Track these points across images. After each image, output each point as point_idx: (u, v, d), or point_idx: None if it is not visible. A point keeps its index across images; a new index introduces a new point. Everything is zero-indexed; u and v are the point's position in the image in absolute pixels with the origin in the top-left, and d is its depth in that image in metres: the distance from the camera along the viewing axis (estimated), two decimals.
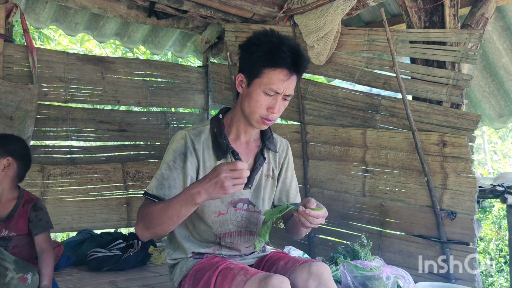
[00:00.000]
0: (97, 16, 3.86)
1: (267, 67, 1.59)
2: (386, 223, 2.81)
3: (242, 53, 1.70)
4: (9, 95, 3.07)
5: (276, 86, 1.60)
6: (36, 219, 2.25)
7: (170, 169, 1.65)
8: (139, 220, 1.58)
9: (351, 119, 3.02)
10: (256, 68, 1.61)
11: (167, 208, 1.48)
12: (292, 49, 1.60)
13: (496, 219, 5.24)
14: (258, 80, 1.61)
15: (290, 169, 1.94)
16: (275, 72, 1.59)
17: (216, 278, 1.52)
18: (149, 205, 1.56)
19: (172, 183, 1.63)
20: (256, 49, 1.62)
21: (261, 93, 1.61)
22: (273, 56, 1.58)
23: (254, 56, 1.61)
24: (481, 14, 2.67)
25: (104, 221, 3.64)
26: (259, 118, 1.65)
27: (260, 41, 1.62)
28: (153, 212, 1.51)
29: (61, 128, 3.57)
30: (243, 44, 1.70)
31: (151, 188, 1.63)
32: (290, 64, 1.59)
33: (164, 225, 1.51)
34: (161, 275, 2.85)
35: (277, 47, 1.58)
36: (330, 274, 1.61)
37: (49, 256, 2.20)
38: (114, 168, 3.72)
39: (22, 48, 3.32)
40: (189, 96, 4.22)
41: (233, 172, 1.37)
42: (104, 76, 3.75)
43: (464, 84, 2.54)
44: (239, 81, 1.69)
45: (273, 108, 1.62)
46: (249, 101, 1.64)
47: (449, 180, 2.55)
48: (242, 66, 1.69)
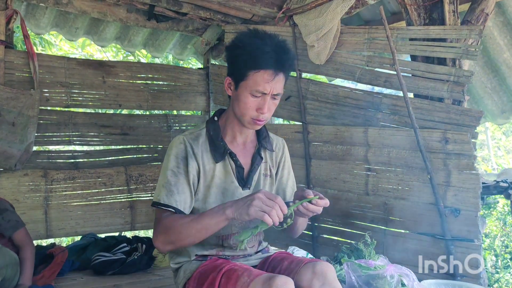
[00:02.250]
0: (97, 21, 3.87)
1: (250, 69, 1.59)
2: (390, 221, 2.80)
3: (227, 56, 1.70)
4: (11, 101, 3.08)
5: (262, 87, 1.59)
6: (4, 221, 2.24)
7: (175, 175, 1.65)
8: (160, 233, 1.58)
9: (352, 118, 3.01)
10: (241, 71, 1.61)
11: (196, 221, 1.51)
12: (276, 48, 1.59)
13: (500, 215, 5.21)
14: (244, 82, 1.61)
15: (286, 167, 1.95)
16: (259, 74, 1.58)
17: (220, 280, 1.52)
18: (172, 219, 1.57)
19: (180, 188, 1.64)
20: (240, 52, 1.61)
21: (248, 95, 1.62)
22: (255, 58, 1.57)
23: (239, 60, 1.61)
24: (481, 10, 2.66)
25: (108, 225, 3.65)
26: (250, 120, 1.66)
27: (243, 43, 1.62)
28: (179, 226, 1.53)
29: (63, 133, 3.57)
30: (228, 46, 1.70)
31: (162, 198, 1.63)
32: (273, 64, 1.58)
33: (191, 238, 1.54)
34: (166, 278, 2.86)
35: (260, 48, 1.57)
36: (334, 274, 1.61)
37: (27, 251, 2.21)
38: (117, 172, 3.73)
39: (23, 54, 3.33)
40: (191, 98, 4.22)
41: (268, 200, 1.41)
42: (105, 80, 3.75)
43: (465, 80, 2.53)
44: (228, 84, 1.70)
45: (262, 109, 1.63)
46: (238, 104, 1.65)
47: (452, 177, 2.54)
48: (229, 69, 1.69)
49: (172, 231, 1.54)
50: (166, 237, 1.56)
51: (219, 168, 1.73)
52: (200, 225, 1.50)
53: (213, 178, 1.72)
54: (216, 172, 1.73)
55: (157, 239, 1.58)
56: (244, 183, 1.77)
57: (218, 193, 1.73)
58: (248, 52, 1.59)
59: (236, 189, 1.75)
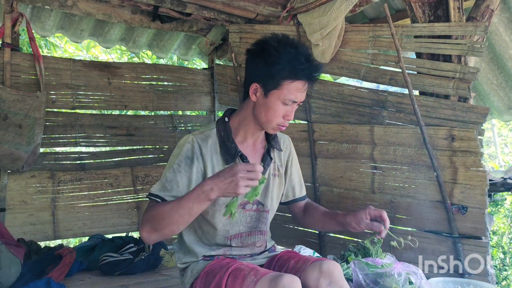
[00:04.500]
0: (102, 22, 3.89)
1: (286, 79, 1.61)
2: (397, 219, 2.79)
3: (257, 62, 1.67)
4: (18, 104, 3.10)
5: (294, 96, 1.63)
6: None
7: (174, 172, 1.65)
8: (144, 222, 1.55)
9: (358, 116, 3.01)
10: (275, 80, 1.61)
11: (177, 206, 1.48)
12: (309, 59, 1.63)
13: (508, 212, 5.18)
14: (277, 91, 1.63)
15: (294, 164, 1.98)
16: (294, 84, 1.62)
17: (227, 280, 1.53)
18: (156, 206, 1.55)
19: (174, 185, 1.63)
20: (275, 61, 1.60)
21: (280, 103, 1.64)
22: (293, 69, 1.60)
23: (274, 69, 1.61)
24: (486, 6, 2.64)
25: (115, 226, 3.67)
26: (276, 126, 1.70)
27: (278, 51, 1.61)
28: (162, 212, 1.50)
29: (69, 134, 3.59)
30: (256, 51, 1.68)
31: (154, 190, 1.63)
32: (308, 74, 1.63)
33: (174, 225, 1.50)
34: (173, 278, 2.87)
35: (296, 59, 1.60)
36: (341, 272, 1.61)
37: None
38: (123, 173, 3.75)
39: (29, 56, 3.35)
40: (196, 98, 4.23)
41: (249, 174, 1.40)
42: (111, 82, 3.77)
43: (471, 77, 2.52)
44: (253, 89, 1.67)
45: (289, 116, 1.67)
46: (266, 111, 1.66)
47: (458, 175, 2.53)
48: (257, 75, 1.66)
49: (155, 218, 1.52)
50: (150, 225, 1.53)
51: None
52: (183, 210, 1.47)
53: None
54: None
55: (143, 229, 1.55)
56: None
57: None
58: (284, 62, 1.60)
59: None
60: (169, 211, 1.49)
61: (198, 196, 1.45)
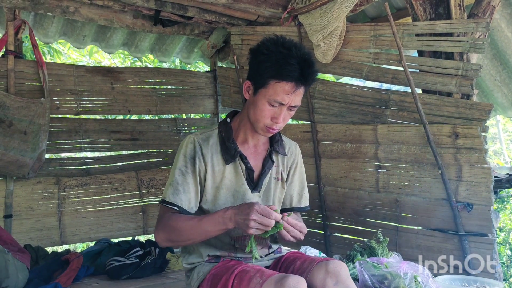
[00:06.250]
0: (104, 28, 3.91)
1: (272, 78, 1.58)
2: (402, 218, 2.79)
3: (250, 60, 1.69)
4: (22, 110, 3.12)
5: (281, 97, 1.59)
6: None
7: (183, 174, 1.68)
8: (161, 230, 1.64)
9: (361, 115, 3.00)
10: (263, 78, 1.60)
11: (197, 226, 1.57)
12: (301, 61, 1.57)
13: None
14: (264, 90, 1.61)
15: (297, 173, 1.92)
16: (281, 84, 1.58)
17: (232, 282, 1.53)
18: (175, 219, 1.61)
19: (186, 188, 1.67)
20: (264, 59, 1.60)
21: (266, 103, 1.62)
22: (279, 68, 1.56)
23: (262, 66, 1.60)
24: (487, 2, 2.63)
25: (121, 230, 3.68)
26: (264, 127, 1.67)
27: (269, 50, 1.60)
28: (180, 228, 1.59)
29: (74, 140, 3.62)
30: (253, 50, 1.68)
31: (168, 196, 1.67)
32: (297, 77, 1.57)
33: (191, 241, 1.63)
34: (180, 280, 2.87)
35: (285, 59, 1.56)
36: (347, 272, 1.61)
37: None
38: (128, 177, 3.76)
39: (32, 63, 3.38)
40: (199, 101, 4.24)
41: (262, 218, 1.45)
42: (114, 87, 3.79)
43: (473, 74, 2.51)
44: (246, 87, 1.69)
45: (277, 118, 1.63)
46: (254, 110, 1.65)
47: (463, 172, 2.52)
48: (250, 73, 1.69)
49: (174, 232, 1.61)
50: (167, 235, 1.63)
51: (229, 170, 1.74)
52: (201, 230, 1.57)
53: (222, 179, 1.73)
54: (226, 173, 1.73)
55: (158, 235, 1.65)
56: (253, 186, 1.77)
57: (228, 195, 1.74)
58: (273, 60, 1.57)
59: (246, 192, 1.75)
60: (189, 229, 1.58)
61: (218, 221, 1.54)
